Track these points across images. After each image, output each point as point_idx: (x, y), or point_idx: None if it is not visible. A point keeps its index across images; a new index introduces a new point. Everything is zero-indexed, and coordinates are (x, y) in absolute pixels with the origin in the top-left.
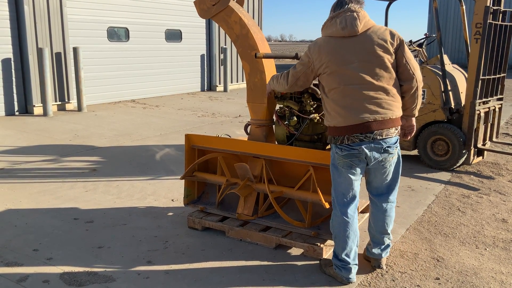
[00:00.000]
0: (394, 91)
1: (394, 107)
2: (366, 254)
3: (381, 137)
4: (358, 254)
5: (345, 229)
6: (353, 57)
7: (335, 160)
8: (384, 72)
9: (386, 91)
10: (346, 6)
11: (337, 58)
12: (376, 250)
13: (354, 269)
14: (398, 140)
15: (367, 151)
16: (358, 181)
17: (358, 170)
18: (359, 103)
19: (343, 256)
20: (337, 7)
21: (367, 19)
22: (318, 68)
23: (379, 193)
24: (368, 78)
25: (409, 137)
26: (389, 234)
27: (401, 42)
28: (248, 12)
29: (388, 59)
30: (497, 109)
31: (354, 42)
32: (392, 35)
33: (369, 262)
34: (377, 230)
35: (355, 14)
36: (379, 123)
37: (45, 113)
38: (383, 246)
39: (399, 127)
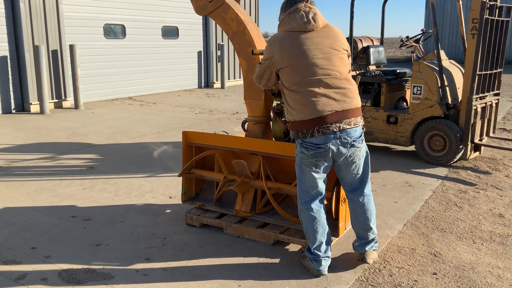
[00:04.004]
0: (354, 82)
1: (357, 98)
2: (353, 250)
3: (349, 126)
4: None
5: (313, 224)
6: (317, 50)
7: (300, 160)
8: (344, 66)
9: (349, 82)
10: (300, 3)
11: (300, 51)
12: (360, 245)
13: (325, 261)
14: (363, 134)
15: (333, 148)
16: (322, 179)
17: (323, 168)
18: (327, 94)
19: (314, 249)
20: (287, 6)
21: (322, 16)
22: (279, 62)
23: (354, 189)
24: (333, 70)
25: None
26: (372, 228)
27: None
28: (244, 8)
29: (345, 54)
30: (494, 104)
31: (315, 36)
32: (343, 37)
33: None
34: (360, 227)
35: (313, 10)
36: (348, 112)
37: (42, 111)
38: (367, 241)
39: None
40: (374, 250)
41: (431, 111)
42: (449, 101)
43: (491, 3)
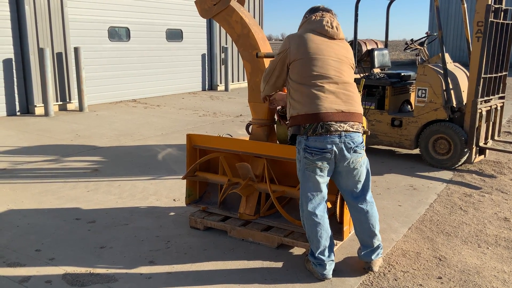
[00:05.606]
0: (358, 92)
1: (360, 105)
2: (358, 258)
3: (352, 130)
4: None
5: (316, 230)
6: (332, 53)
7: (303, 166)
8: (352, 76)
9: (355, 90)
10: (325, 13)
11: (318, 48)
12: (365, 254)
13: (330, 265)
14: (364, 141)
15: (337, 151)
16: (326, 183)
17: (326, 172)
18: (336, 92)
19: (318, 254)
20: (312, 12)
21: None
22: (294, 53)
23: (356, 196)
24: (344, 73)
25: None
26: (377, 235)
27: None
28: (249, 11)
29: (352, 68)
30: (498, 108)
31: (333, 43)
32: (352, 53)
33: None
34: (365, 234)
35: (337, 21)
36: (352, 115)
37: (46, 113)
38: (373, 249)
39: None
40: (379, 257)
41: (436, 114)
42: (454, 104)
43: (496, 6)
